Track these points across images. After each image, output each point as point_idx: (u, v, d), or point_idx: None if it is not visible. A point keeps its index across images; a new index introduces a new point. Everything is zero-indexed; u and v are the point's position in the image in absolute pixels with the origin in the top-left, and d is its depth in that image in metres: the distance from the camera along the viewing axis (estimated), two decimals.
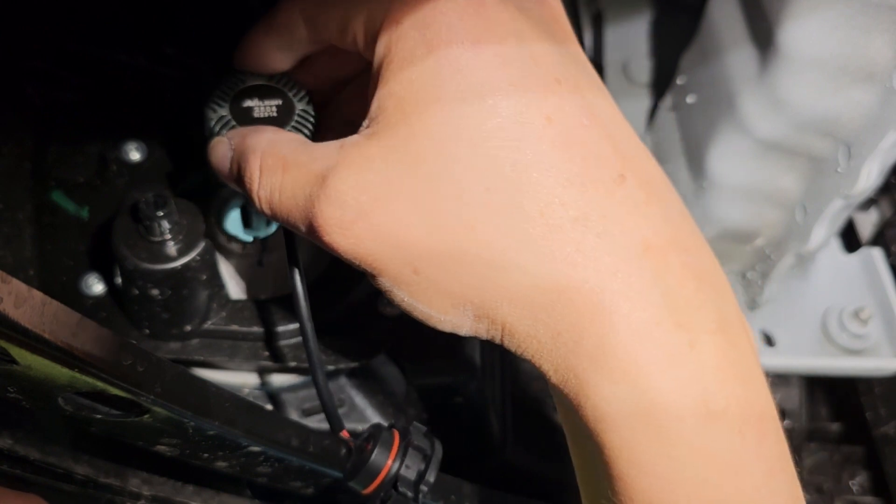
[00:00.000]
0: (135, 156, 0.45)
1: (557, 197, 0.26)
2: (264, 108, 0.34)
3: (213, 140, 0.34)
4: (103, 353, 0.26)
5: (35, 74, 0.44)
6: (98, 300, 0.42)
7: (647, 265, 0.26)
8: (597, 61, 0.63)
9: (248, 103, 0.34)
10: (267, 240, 0.43)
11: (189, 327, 0.42)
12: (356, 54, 0.31)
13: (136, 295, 0.39)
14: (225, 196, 0.43)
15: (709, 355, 0.26)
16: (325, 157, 0.28)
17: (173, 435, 0.32)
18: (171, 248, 0.38)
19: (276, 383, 0.47)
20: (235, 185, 0.32)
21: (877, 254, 0.61)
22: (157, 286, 0.39)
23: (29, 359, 0.25)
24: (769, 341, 0.57)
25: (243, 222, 0.42)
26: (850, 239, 0.65)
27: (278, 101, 0.34)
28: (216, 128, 0.34)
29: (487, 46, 0.27)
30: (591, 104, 0.28)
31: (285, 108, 0.34)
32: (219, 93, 0.34)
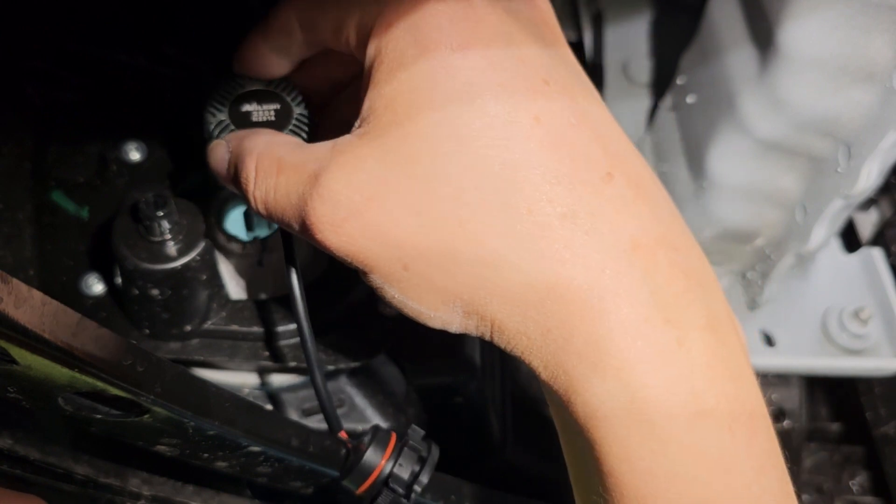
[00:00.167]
0: (135, 156, 0.45)
1: (545, 194, 0.26)
2: (262, 112, 0.34)
3: (212, 143, 0.34)
4: (103, 353, 0.26)
5: (35, 74, 0.44)
6: (98, 300, 0.42)
7: (635, 262, 0.27)
8: (597, 61, 0.63)
9: (246, 107, 0.34)
10: (267, 240, 0.43)
11: (189, 327, 0.42)
12: (352, 57, 0.31)
13: (136, 295, 0.39)
14: (225, 196, 0.43)
15: (698, 352, 0.26)
16: (318, 158, 0.29)
17: (173, 435, 0.32)
18: (171, 248, 0.39)
19: (276, 383, 0.47)
20: (233, 187, 0.33)
21: (877, 254, 0.61)
22: (157, 286, 0.39)
23: (29, 359, 0.25)
24: (769, 341, 0.57)
25: (246, 225, 0.42)
26: (850, 239, 0.65)
27: (276, 106, 0.35)
28: (215, 131, 0.34)
29: (476, 48, 0.27)
30: (579, 104, 0.28)
31: (283, 112, 0.35)
32: (217, 97, 0.35)
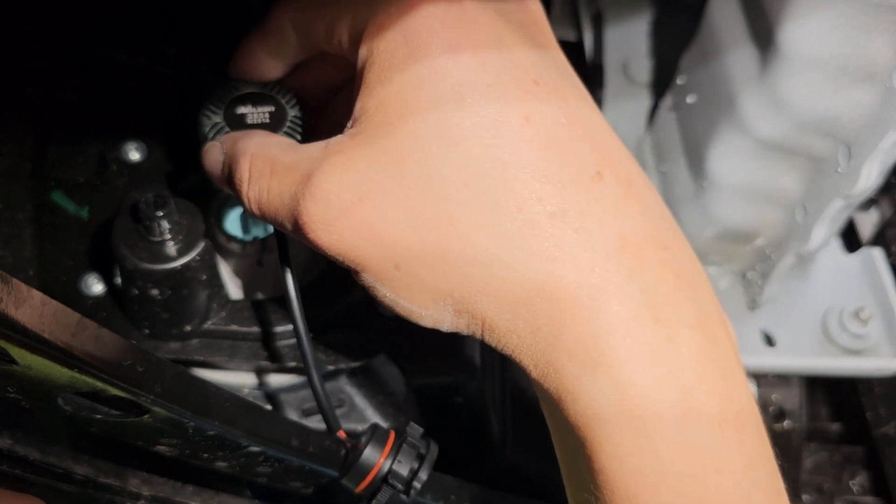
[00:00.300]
0: (135, 156, 0.45)
1: (535, 193, 0.26)
2: (257, 115, 0.35)
3: (207, 144, 0.34)
4: (103, 353, 0.26)
5: (35, 74, 0.44)
6: (98, 300, 0.42)
7: (624, 261, 0.27)
8: (597, 61, 0.63)
9: (241, 110, 0.35)
10: (266, 240, 0.43)
11: (189, 327, 0.42)
12: (346, 60, 0.31)
13: (135, 295, 0.39)
14: (225, 196, 0.43)
15: (688, 350, 0.27)
16: (310, 158, 0.29)
17: (173, 435, 0.32)
18: (171, 248, 0.39)
19: (275, 383, 0.47)
20: (227, 188, 0.33)
21: (877, 254, 0.61)
22: (157, 286, 0.39)
23: (29, 359, 0.25)
24: (769, 341, 0.57)
25: (243, 227, 0.42)
26: (850, 239, 0.65)
27: (271, 108, 0.35)
28: (210, 133, 0.34)
29: (466, 49, 0.27)
30: (569, 105, 0.28)
31: (278, 114, 0.35)
32: (213, 100, 0.35)
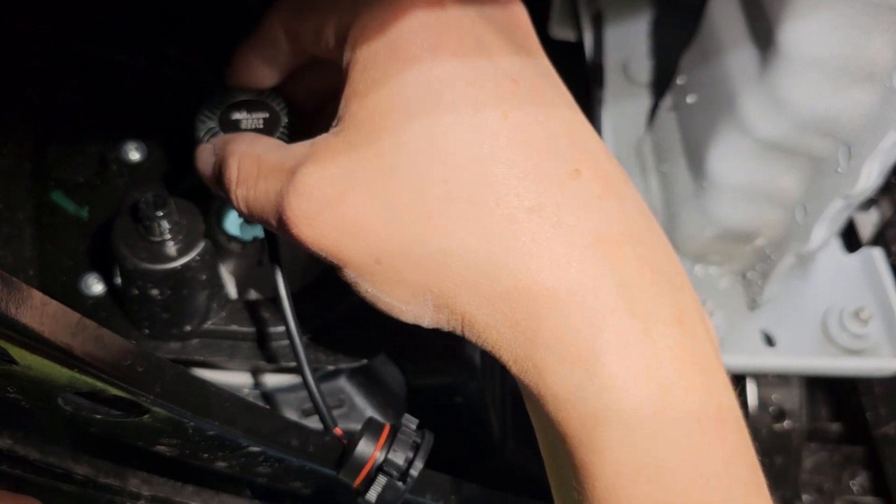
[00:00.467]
0: (135, 156, 0.45)
1: (513, 189, 0.27)
2: (251, 121, 0.35)
3: (199, 147, 0.35)
4: (103, 353, 0.26)
5: (35, 74, 0.44)
6: (98, 300, 0.42)
7: (601, 256, 0.27)
8: (597, 61, 0.63)
9: (236, 116, 0.35)
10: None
11: (189, 327, 0.42)
12: (337, 65, 0.31)
13: (135, 295, 0.39)
14: None
15: (665, 345, 0.27)
16: (296, 155, 0.29)
17: (173, 435, 0.32)
18: (171, 248, 0.39)
19: (275, 383, 0.47)
20: (217, 188, 0.33)
21: (877, 254, 0.61)
22: (156, 286, 0.39)
23: (29, 359, 0.25)
24: (769, 341, 0.57)
25: (243, 227, 0.42)
26: (850, 239, 0.65)
27: (265, 114, 0.36)
28: (204, 137, 0.35)
29: (446, 49, 0.28)
30: (548, 103, 0.29)
31: (272, 120, 0.35)
32: (209, 105, 0.35)
